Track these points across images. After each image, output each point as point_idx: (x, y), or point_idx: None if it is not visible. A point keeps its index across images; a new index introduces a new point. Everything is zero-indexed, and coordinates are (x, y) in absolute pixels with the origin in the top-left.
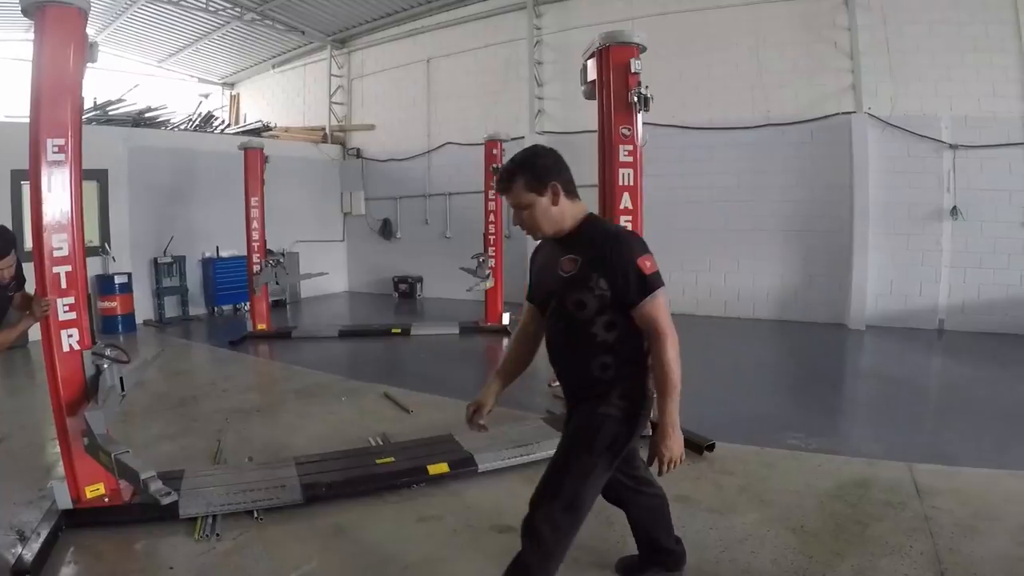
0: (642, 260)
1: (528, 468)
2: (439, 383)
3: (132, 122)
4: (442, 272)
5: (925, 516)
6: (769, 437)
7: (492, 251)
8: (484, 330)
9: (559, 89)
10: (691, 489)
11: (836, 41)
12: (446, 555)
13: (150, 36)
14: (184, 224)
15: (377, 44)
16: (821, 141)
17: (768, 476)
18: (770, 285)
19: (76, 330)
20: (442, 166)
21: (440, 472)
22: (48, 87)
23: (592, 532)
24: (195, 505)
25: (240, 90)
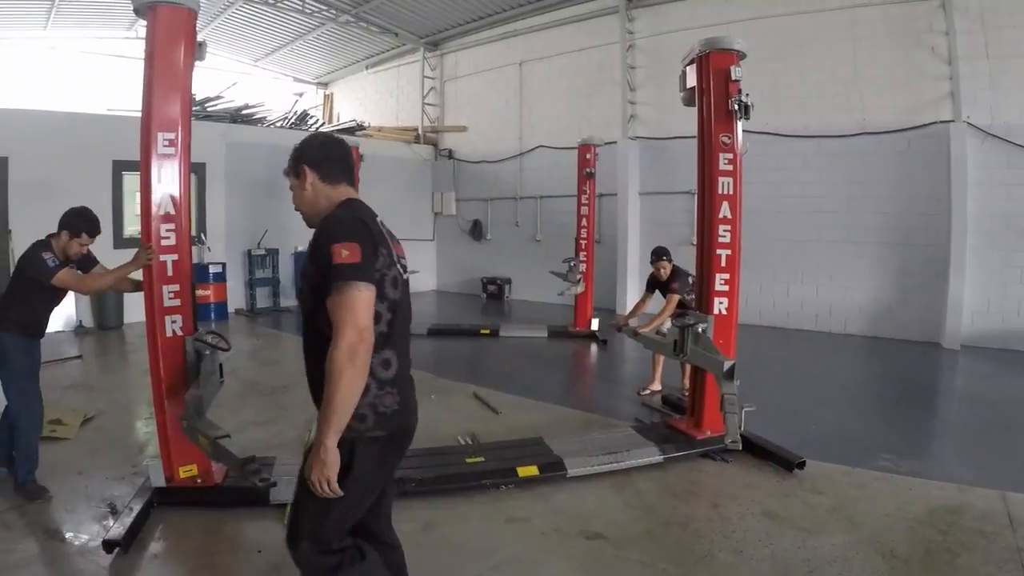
0: (337, 247)
1: (617, 475)
2: (527, 386)
3: (230, 118)
4: (531, 275)
5: (1018, 548)
6: (860, 457)
7: (583, 256)
8: (573, 335)
9: (652, 94)
10: (780, 507)
11: (934, 46)
12: (534, 557)
13: (247, 36)
14: (278, 218)
15: (470, 47)
16: (918, 151)
17: (858, 497)
18: (863, 300)
19: (180, 316)
20: (534, 169)
21: (529, 475)
22: (159, 83)
23: (677, 542)
24: (287, 492)
25: (334, 89)
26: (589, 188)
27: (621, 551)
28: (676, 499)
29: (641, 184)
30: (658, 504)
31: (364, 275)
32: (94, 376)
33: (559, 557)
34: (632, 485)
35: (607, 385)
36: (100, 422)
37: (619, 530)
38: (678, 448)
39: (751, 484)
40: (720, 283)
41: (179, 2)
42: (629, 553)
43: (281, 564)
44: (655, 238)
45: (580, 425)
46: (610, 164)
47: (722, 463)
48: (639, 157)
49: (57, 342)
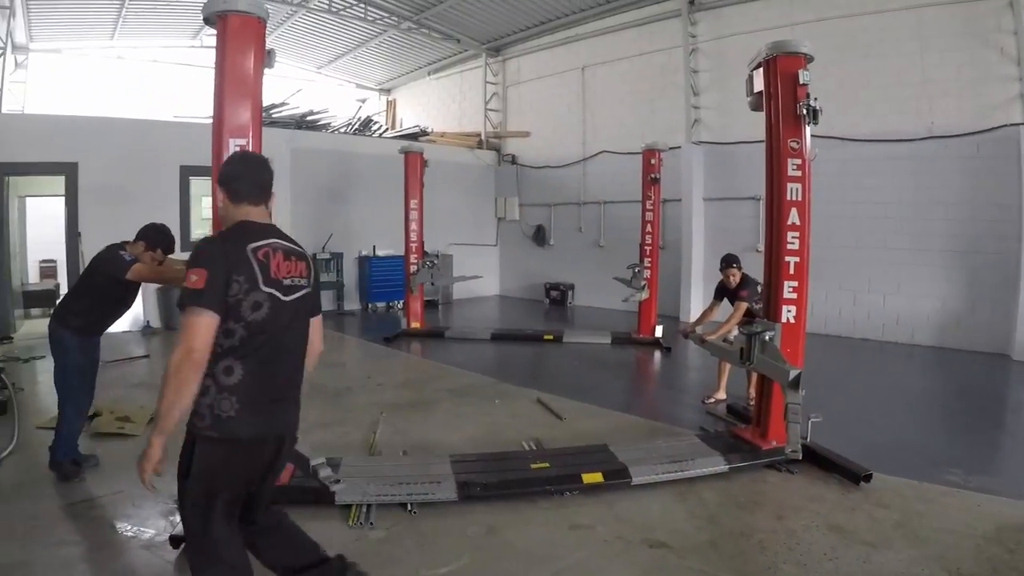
0: (189, 272)
1: (681, 484)
2: (591, 392)
3: (295, 125)
4: (594, 280)
5: None
6: (927, 471)
7: (648, 262)
8: (636, 342)
9: (716, 98)
10: (845, 520)
11: (1002, 47)
12: (596, 564)
13: (310, 44)
14: (342, 223)
15: (532, 52)
16: (988, 155)
17: (925, 512)
18: (930, 309)
19: None
20: (597, 174)
21: (594, 482)
22: (230, 91)
23: (740, 553)
24: (352, 493)
25: (396, 95)
26: (654, 194)
27: (684, 560)
28: (740, 509)
29: (705, 190)
30: (722, 514)
31: (205, 301)
32: (160, 375)
33: (621, 565)
34: (696, 494)
35: (671, 393)
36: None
37: (682, 539)
38: (743, 458)
39: (816, 496)
40: (788, 291)
41: (248, 11)
42: (692, 563)
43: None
44: (720, 244)
45: (644, 433)
46: (674, 169)
47: (787, 474)
48: (703, 162)
49: (124, 342)
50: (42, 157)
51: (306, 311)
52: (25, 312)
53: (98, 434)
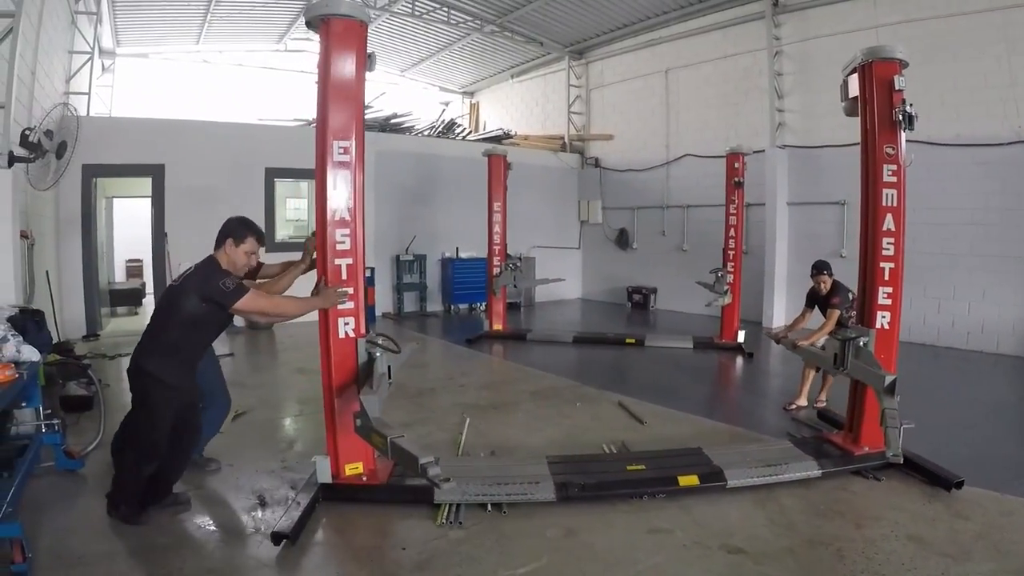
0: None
1: (760, 490)
2: (673, 396)
3: (379, 127)
4: (677, 285)
5: None
6: (1010, 483)
7: (731, 267)
8: (719, 347)
9: (800, 101)
10: (926, 531)
11: None
12: (674, 569)
13: (394, 47)
14: (425, 224)
15: (615, 55)
16: None
17: (1006, 525)
18: (1016, 318)
19: (352, 319)
20: (680, 177)
21: (690, 484)
22: (334, 94)
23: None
24: (449, 493)
25: (480, 98)
26: (737, 198)
27: (761, 567)
28: (820, 517)
29: (789, 194)
30: (801, 522)
31: None
32: (245, 374)
33: (699, 570)
34: (775, 501)
35: (753, 399)
36: (250, 418)
37: (761, 546)
38: (835, 463)
39: (896, 506)
40: (883, 296)
41: (350, 14)
42: (769, 570)
43: (425, 563)
44: (804, 249)
45: (726, 439)
46: (758, 173)
47: (873, 481)
48: (787, 166)
49: None
50: (129, 159)
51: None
52: (112, 310)
53: None
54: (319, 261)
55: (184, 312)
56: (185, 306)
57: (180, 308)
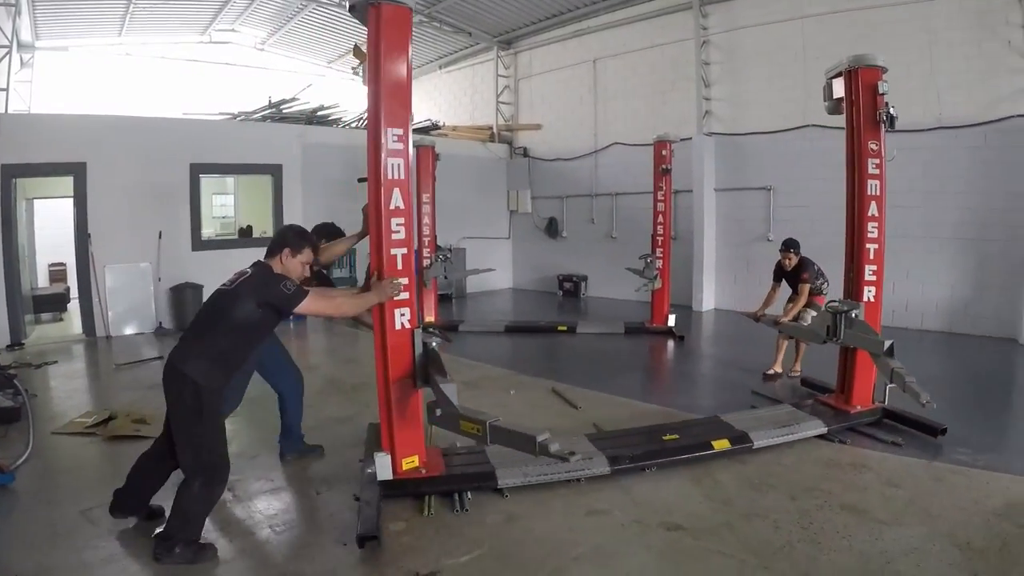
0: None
1: (695, 467)
2: (605, 381)
3: (305, 120)
4: (607, 272)
5: None
6: (937, 451)
7: (660, 252)
8: (650, 331)
9: (727, 90)
10: (858, 499)
11: (1010, 39)
12: (615, 548)
13: (320, 38)
14: (355, 218)
15: (543, 45)
16: (996, 145)
17: (935, 491)
18: (939, 296)
19: (408, 309)
20: (609, 166)
21: (723, 447)
22: (387, 81)
23: (756, 533)
24: (512, 476)
25: None
26: (665, 184)
27: (700, 542)
28: (755, 491)
29: (717, 180)
30: (737, 496)
31: None
32: None
33: (639, 548)
34: (711, 477)
35: (685, 380)
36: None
37: (698, 521)
38: (838, 421)
39: (829, 477)
40: (869, 273)
41: (401, 1)
42: (708, 544)
43: (368, 556)
44: (731, 234)
45: (660, 420)
46: (685, 160)
47: (839, 444)
48: (714, 153)
49: (137, 344)
50: (50, 158)
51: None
52: (36, 317)
53: (114, 437)
54: (373, 253)
55: (237, 318)
56: (238, 311)
57: (232, 313)
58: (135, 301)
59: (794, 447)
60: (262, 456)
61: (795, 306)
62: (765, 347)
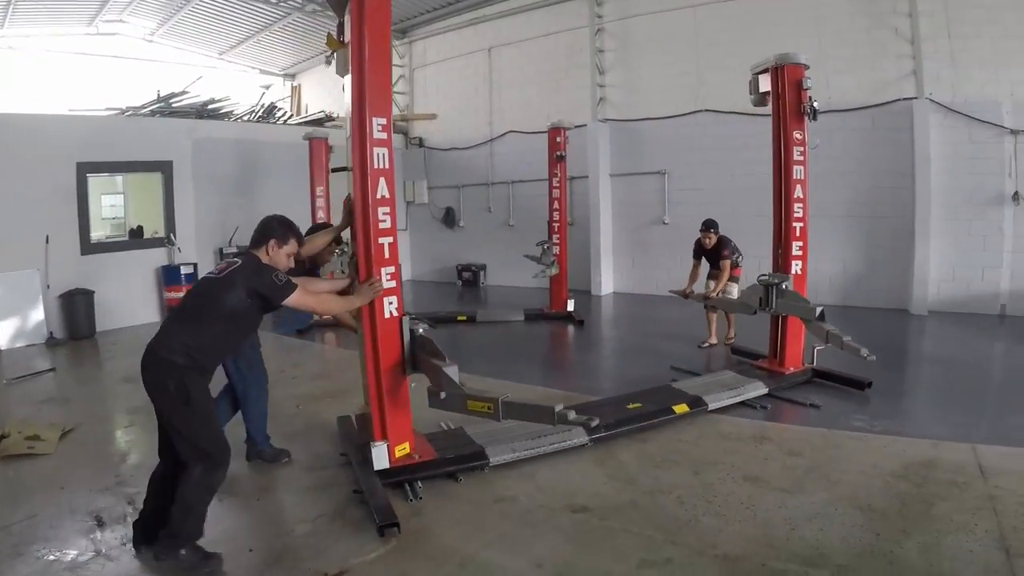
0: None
1: (598, 449)
2: (506, 369)
3: (196, 114)
4: (506, 260)
5: (989, 496)
6: (835, 420)
7: (556, 238)
8: (549, 316)
9: (621, 76)
10: (760, 470)
11: (897, 27)
12: (522, 534)
13: (211, 28)
14: (248, 214)
15: (438, 34)
16: (882, 127)
17: (835, 457)
18: (833, 272)
19: (395, 298)
20: (505, 154)
21: (683, 411)
22: (371, 70)
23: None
24: (502, 452)
25: (301, 81)
26: (560, 171)
27: (606, 522)
28: (657, 468)
29: (612, 166)
30: (640, 475)
31: None
32: (69, 388)
33: (546, 531)
34: (613, 457)
35: (585, 364)
36: (79, 435)
37: (603, 502)
38: (776, 382)
39: (731, 450)
40: (796, 249)
41: None
42: (614, 523)
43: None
44: (627, 219)
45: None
46: (580, 147)
47: (759, 408)
48: (609, 139)
49: (28, 356)
50: None
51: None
52: None
53: (7, 457)
54: (359, 242)
55: (226, 306)
56: (227, 300)
57: (221, 301)
58: (23, 311)
59: (695, 423)
60: None
61: (720, 282)
62: (664, 328)
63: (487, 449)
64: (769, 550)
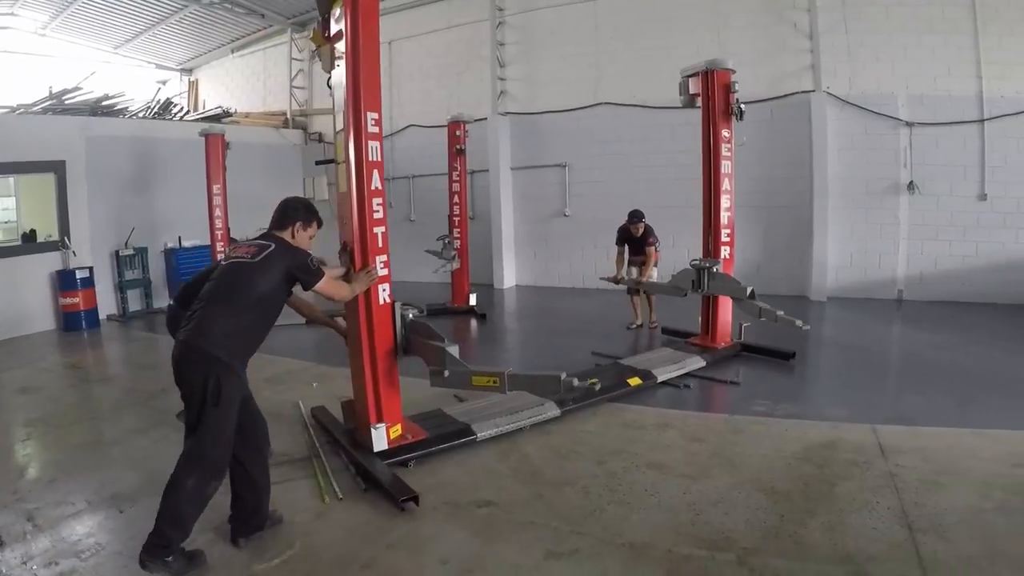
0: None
1: (502, 443)
2: (408, 366)
3: (89, 111)
4: (407, 255)
5: (890, 474)
6: (737, 405)
7: (457, 232)
8: (452, 311)
9: (522, 70)
10: (664, 457)
11: (796, 22)
12: (428, 532)
13: (106, 21)
14: (145, 214)
15: None
16: (781, 119)
17: (737, 442)
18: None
19: (387, 285)
20: (405, 148)
21: (636, 384)
22: (365, 66)
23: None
24: (487, 427)
25: (199, 76)
26: (460, 165)
27: (512, 515)
28: (562, 460)
29: (513, 159)
30: (545, 467)
31: None
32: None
33: (452, 528)
34: (517, 451)
35: (487, 356)
36: None
37: (509, 496)
38: (712, 356)
39: (634, 439)
40: (724, 236)
41: None
42: (520, 516)
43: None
44: (529, 211)
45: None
46: (481, 140)
47: (683, 388)
48: (510, 132)
49: None
50: None
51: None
52: None
53: None
54: (355, 235)
55: (262, 291)
56: (264, 285)
57: (256, 286)
58: None
59: (597, 413)
60: (60, 480)
61: (647, 268)
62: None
63: (472, 426)
64: (675, 536)
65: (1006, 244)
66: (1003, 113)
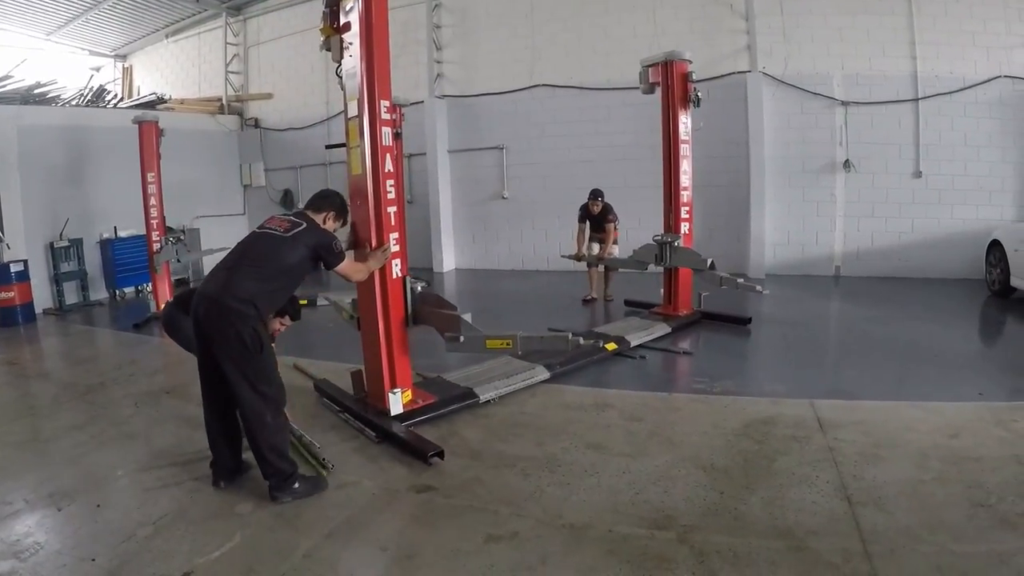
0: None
1: (440, 426)
2: (344, 352)
3: (21, 100)
4: None
5: (829, 448)
6: (674, 383)
7: None
8: None
9: (458, 52)
10: (602, 437)
11: (732, 3)
12: (367, 518)
13: (37, 7)
14: (80, 205)
15: (273, 10)
16: (717, 99)
17: (676, 420)
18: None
19: (399, 260)
20: (341, 133)
21: (612, 348)
22: (378, 56)
23: (505, 483)
24: (488, 390)
25: (133, 62)
26: (396, 148)
27: (451, 500)
28: (501, 442)
29: (450, 142)
30: (484, 450)
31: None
32: None
33: (391, 515)
34: (456, 434)
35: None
36: None
37: (447, 480)
38: (676, 323)
39: (573, 419)
40: (684, 213)
41: None
42: (459, 500)
43: (116, 570)
44: (467, 194)
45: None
46: (418, 124)
47: (640, 360)
48: (447, 115)
49: None
50: None
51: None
52: None
53: None
54: (371, 215)
55: (289, 262)
56: (292, 257)
57: (286, 258)
58: None
59: (536, 395)
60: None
61: (606, 244)
62: (511, 300)
63: (476, 388)
64: (615, 516)
65: (941, 220)
66: (937, 92)
